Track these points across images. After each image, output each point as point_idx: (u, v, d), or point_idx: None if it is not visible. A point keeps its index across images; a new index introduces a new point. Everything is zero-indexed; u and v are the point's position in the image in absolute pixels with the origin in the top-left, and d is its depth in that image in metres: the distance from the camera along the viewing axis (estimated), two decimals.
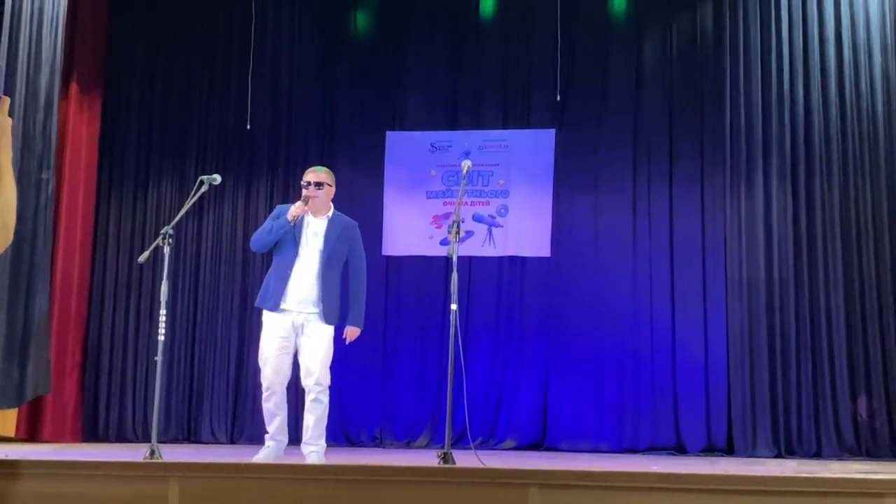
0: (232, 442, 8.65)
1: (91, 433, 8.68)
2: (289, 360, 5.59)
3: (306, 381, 5.53)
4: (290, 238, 5.63)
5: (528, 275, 8.82)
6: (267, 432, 5.62)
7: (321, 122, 9.25)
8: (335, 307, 5.64)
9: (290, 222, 5.59)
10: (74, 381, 8.53)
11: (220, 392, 8.81)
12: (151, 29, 9.36)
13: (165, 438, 8.47)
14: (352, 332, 5.74)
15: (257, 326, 5.90)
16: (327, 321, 5.57)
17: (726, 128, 8.49)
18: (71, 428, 8.43)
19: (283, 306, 5.55)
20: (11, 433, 7.81)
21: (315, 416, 5.51)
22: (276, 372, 5.54)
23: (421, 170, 9.09)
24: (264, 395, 5.59)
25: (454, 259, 5.35)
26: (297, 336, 5.57)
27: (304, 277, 5.57)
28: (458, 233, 5.32)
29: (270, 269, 5.77)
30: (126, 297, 8.96)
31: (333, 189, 5.85)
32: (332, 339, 5.65)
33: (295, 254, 5.61)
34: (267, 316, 5.64)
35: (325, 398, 5.56)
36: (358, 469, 2.75)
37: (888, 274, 7.93)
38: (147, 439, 8.39)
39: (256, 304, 5.82)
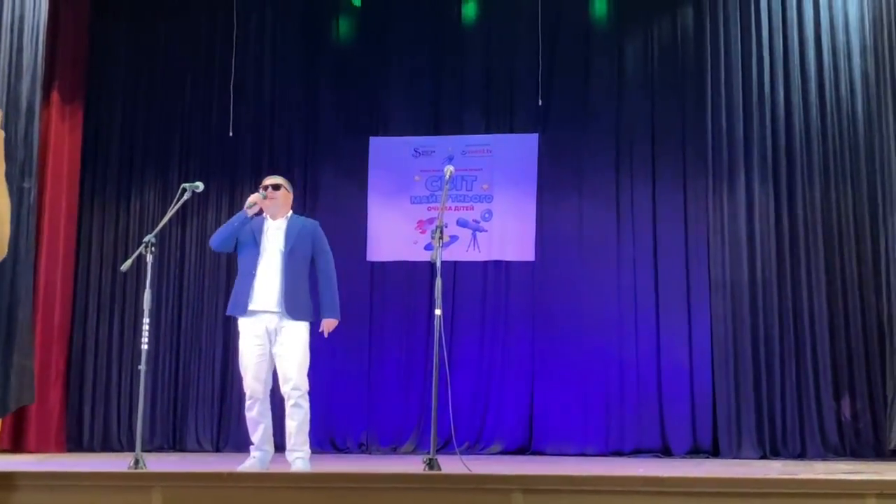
0: (217, 450, 8.62)
1: (76, 443, 8.64)
2: (267, 367, 5.56)
3: (284, 388, 5.52)
4: (251, 241, 5.65)
5: (513, 279, 8.83)
6: (252, 443, 5.59)
7: (304, 128, 9.24)
8: (304, 303, 5.62)
9: (246, 212, 5.60)
10: (58, 391, 8.48)
11: (205, 400, 8.78)
12: (133, 36, 9.33)
13: (151, 447, 8.45)
14: (328, 324, 5.72)
15: None
16: (296, 317, 5.54)
17: (708, 130, 8.54)
18: (55, 438, 8.37)
19: (251, 307, 5.54)
20: None
21: (296, 421, 5.50)
22: (256, 379, 5.52)
23: (405, 175, 9.09)
24: (247, 403, 5.57)
25: (438, 264, 5.35)
26: (271, 343, 5.55)
27: (269, 276, 5.57)
28: (441, 238, 5.32)
29: (237, 277, 5.75)
30: (110, 306, 8.93)
31: (291, 195, 5.87)
32: (308, 342, 5.62)
33: (257, 254, 5.62)
34: (241, 323, 5.64)
35: (305, 403, 5.54)
36: (342, 476, 2.76)
37: (870, 274, 7.98)
38: (132, 448, 8.33)
39: (227, 312, 5.80)
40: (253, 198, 5.67)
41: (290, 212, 5.84)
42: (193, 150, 9.20)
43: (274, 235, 5.67)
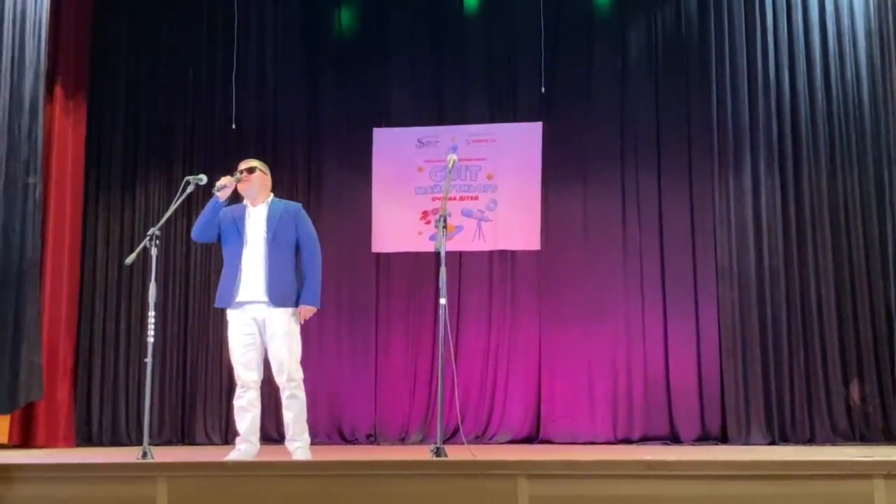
0: (226, 443, 8.59)
1: (85, 437, 8.64)
2: (257, 356, 5.45)
3: (279, 379, 5.44)
4: (234, 231, 5.51)
5: (519, 268, 8.81)
6: (238, 434, 5.52)
7: (307, 120, 9.23)
8: (290, 290, 5.47)
9: (217, 196, 5.51)
10: (67, 386, 8.48)
11: (213, 393, 8.79)
12: (136, 31, 9.32)
13: (159, 441, 8.48)
14: (305, 311, 5.51)
15: None
16: (281, 304, 5.43)
17: (713, 116, 8.50)
18: (64, 433, 8.37)
19: (237, 299, 5.43)
20: (5, 439, 7.79)
21: (293, 412, 5.41)
22: (247, 368, 5.41)
23: (409, 166, 9.07)
24: (237, 392, 5.48)
25: (443, 253, 5.33)
26: (261, 333, 5.48)
27: (253, 265, 5.43)
28: (445, 227, 5.29)
29: (223, 269, 5.61)
30: (116, 300, 8.92)
31: (268, 178, 5.73)
32: (298, 330, 5.52)
33: (241, 244, 5.48)
34: (229, 314, 5.51)
35: (301, 393, 5.46)
36: (349, 464, 2.75)
37: (877, 258, 7.95)
38: (141, 442, 8.37)
39: (216, 304, 5.66)
40: (223, 180, 5.50)
41: (271, 196, 5.73)
42: (197, 143, 9.19)
43: (255, 222, 5.53)
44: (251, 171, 5.61)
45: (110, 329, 8.88)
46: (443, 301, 5.27)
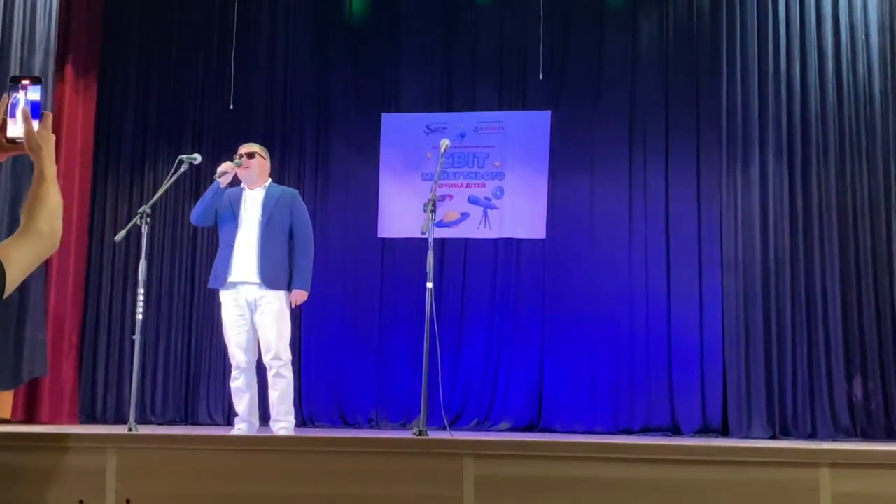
0: (229, 423, 8.64)
1: (89, 414, 8.72)
2: (250, 337, 5.57)
3: (266, 358, 5.54)
4: (230, 213, 5.65)
5: (524, 256, 8.79)
6: (237, 414, 5.60)
7: (316, 104, 9.22)
8: (282, 273, 5.59)
9: (218, 182, 5.59)
10: (72, 363, 8.57)
11: (217, 374, 8.81)
12: (147, 10, 9.34)
13: (162, 420, 8.57)
14: (296, 296, 5.65)
15: None
16: (274, 287, 5.52)
17: (722, 108, 8.42)
18: (68, 409, 8.47)
19: (229, 280, 5.54)
20: (8, 415, 7.88)
21: (278, 391, 5.51)
22: (240, 348, 5.54)
23: (416, 152, 9.06)
24: (232, 374, 5.59)
25: (430, 239, 5.37)
26: (251, 313, 5.56)
27: (247, 247, 5.56)
28: (434, 211, 5.32)
29: (218, 250, 5.76)
30: (123, 279, 8.97)
31: (267, 163, 5.87)
32: (288, 312, 5.62)
33: (235, 226, 5.61)
34: (222, 295, 5.65)
35: (288, 373, 5.55)
36: (286, 440, 2.76)
37: (884, 254, 7.86)
38: (145, 420, 8.46)
39: (209, 286, 5.81)
40: (224, 166, 5.65)
41: (269, 180, 5.82)
42: (207, 124, 9.19)
43: (251, 206, 5.66)
44: (251, 156, 5.72)
45: (116, 307, 8.93)
46: (429, 285, 5.32)
